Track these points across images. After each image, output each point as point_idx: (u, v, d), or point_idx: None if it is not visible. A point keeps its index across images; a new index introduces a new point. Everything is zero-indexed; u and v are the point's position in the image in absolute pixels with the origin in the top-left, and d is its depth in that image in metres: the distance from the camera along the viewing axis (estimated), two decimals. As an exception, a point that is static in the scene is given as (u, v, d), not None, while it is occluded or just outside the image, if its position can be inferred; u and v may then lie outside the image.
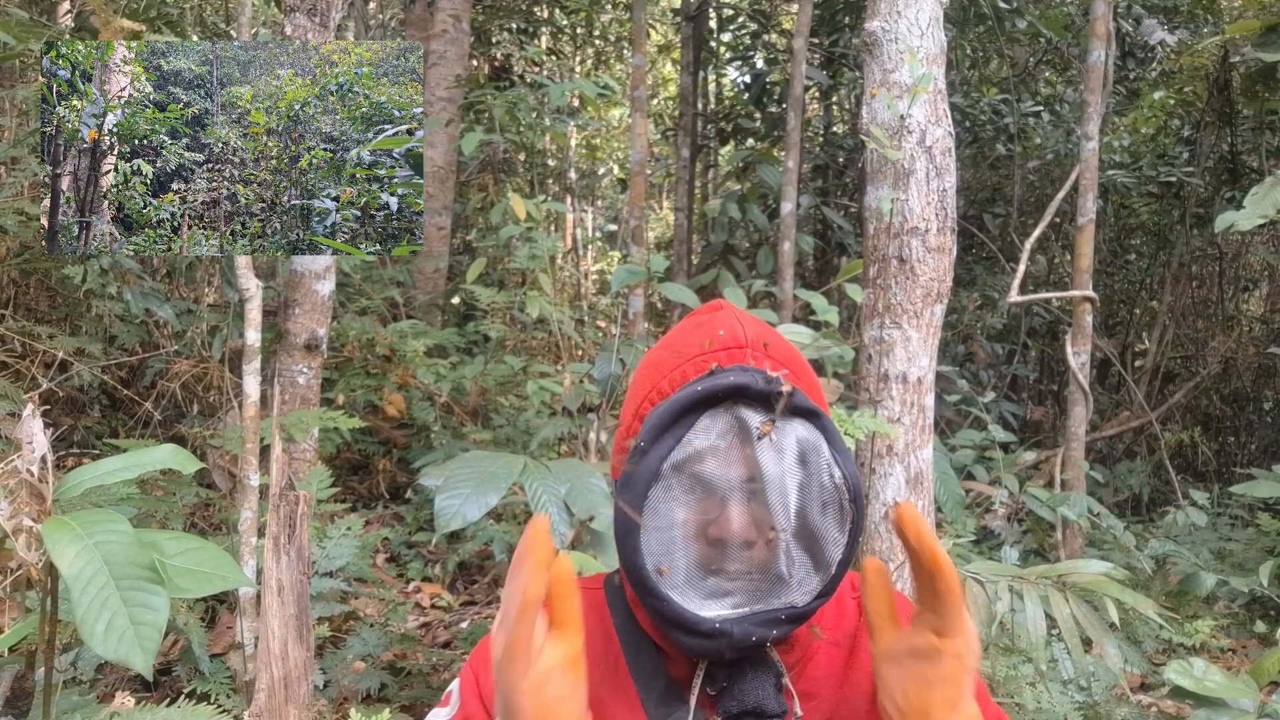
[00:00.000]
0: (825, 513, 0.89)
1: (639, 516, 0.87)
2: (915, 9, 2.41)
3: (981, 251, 7.37)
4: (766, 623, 0.87)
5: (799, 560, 0.89)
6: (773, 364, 0.91)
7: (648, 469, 0.87)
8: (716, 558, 0.88)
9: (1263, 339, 6.96)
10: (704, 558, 0.88)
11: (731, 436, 0.88)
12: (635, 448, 0.89)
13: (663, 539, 0.88)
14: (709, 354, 0.93)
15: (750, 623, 0.87)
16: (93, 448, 3.52)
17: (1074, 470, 4.48)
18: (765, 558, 0.88)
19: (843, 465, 0.90)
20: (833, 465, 0.89)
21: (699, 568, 0.88)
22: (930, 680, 0.80)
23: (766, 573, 0.88)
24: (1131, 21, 6.91)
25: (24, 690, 1.67)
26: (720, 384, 0.88)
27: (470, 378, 4.57)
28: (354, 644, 2.74)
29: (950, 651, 0.80)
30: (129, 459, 1.49)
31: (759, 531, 0.88)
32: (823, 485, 0.89)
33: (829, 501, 0.89)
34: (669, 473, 0.88)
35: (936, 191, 2.37)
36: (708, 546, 0.88)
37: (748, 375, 0.88)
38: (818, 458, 0.89)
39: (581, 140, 10.69)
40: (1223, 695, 1.95)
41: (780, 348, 0.96)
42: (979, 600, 2.16)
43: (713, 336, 0.95)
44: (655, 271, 3.12)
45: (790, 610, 0.88)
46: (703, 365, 0.92)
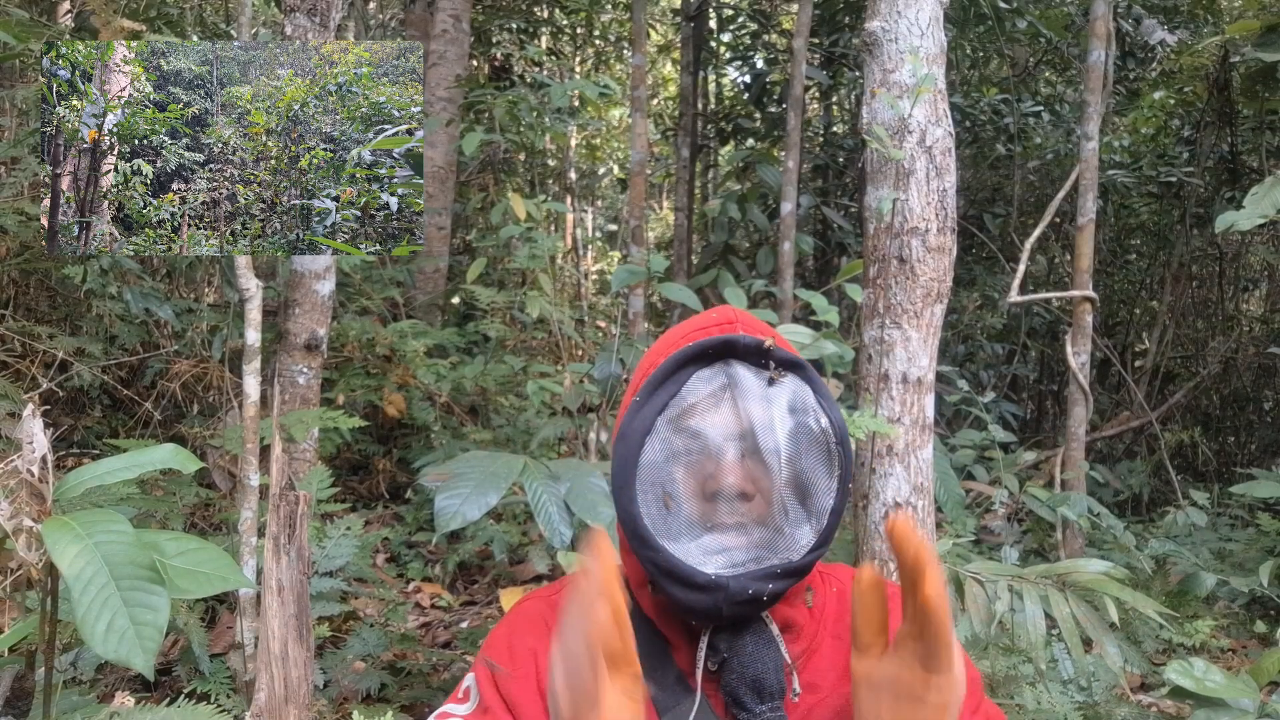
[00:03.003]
0: (814, 459, 0.91)
1: (635, 467, 0.89)
2: (915, 9, 2.41)
3: (981, 251, 7.37)
4: (763, 576, 0.88)
5: (792, 511, 0.90)
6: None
7: (642, 421, 0.90)
8: (711, 512, 0.89)
9: (1263, 339, 6.96)
10: (699, 513, 0.90)
11: (723, 390, 0.91)
12: (631, 403, 0.92)
13: (657, 492, 0.90)
14: (701, 330, 0.97)
15: (747, 577, 0.87)
16: (93, 448, 3.52)
17: (1074, 470, 4.48)
18: (760, 510, 0.90)
19: (829, 411, 0.92)
20: (818, 412, 0.92)
21: (694, 523, 0.89)
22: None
23: (762, 525, 0.89)
24: (1131, 21, 6.90)
25: (24, 690, 1.67)
26: (711, 340, 0.92)
27: (470, 378, 4.57)
28: (354, 644, 2.73)
29: (934, 699, 0.76)
30: (129, 459, 1.49)
31: (752, 483, 0.90)
32: (810, 432, 0.91)
33: (818, 448, 0.91)
34: (663, 426, 0.90)
35: (936, 191, 2.37)
36: (703, 501, 0.90)
37: (735, 334, 0.92)
38: (804, 406, 0.92)
39: (581, 140, 10.68)
40: (1223, 695, 1.95)
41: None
42: (979, 600, 2.16)
43: (706, 318, 0.99)
44: (655, 271, 3.12)
45: (786, 564, 0.89)
46: (695, 338, 0.95)
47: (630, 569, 0.99)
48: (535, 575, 3.60)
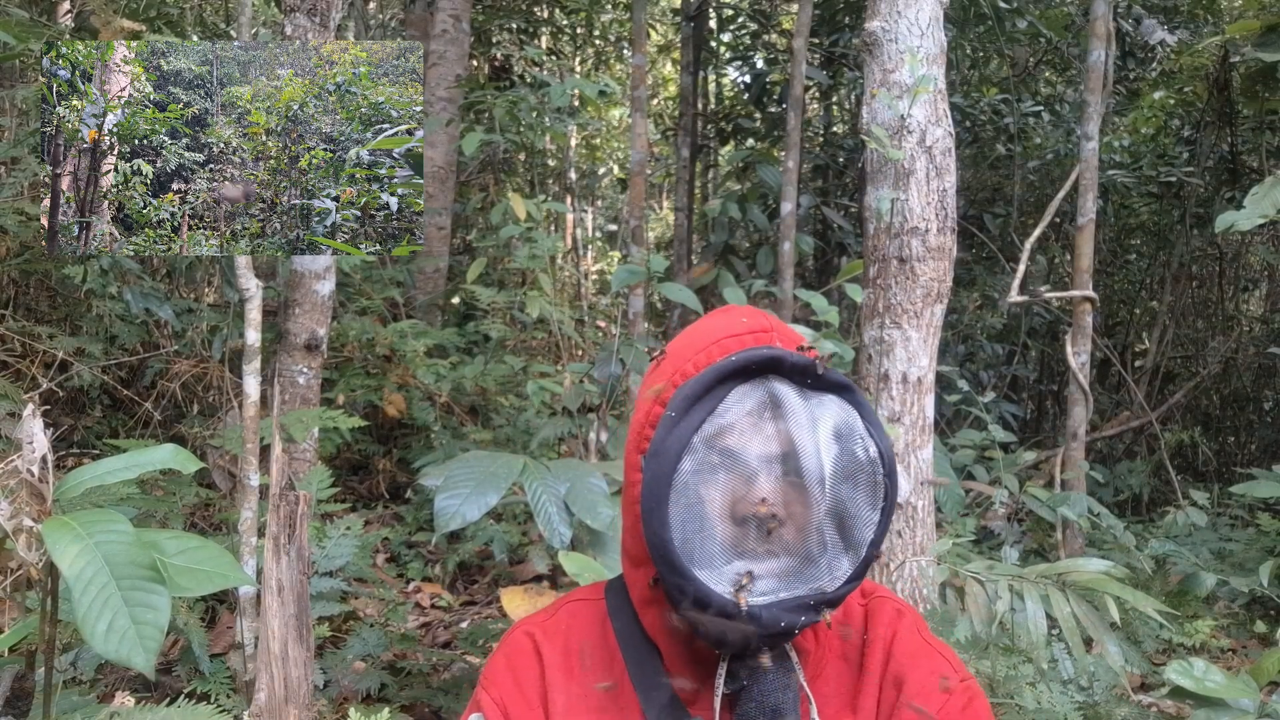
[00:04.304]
0: (858, 489, 0.86)
1: (669, 487, 0.83)
2: (915, 9, 2.41)
3: (981, 251, 7.37)
4: (796, 608, 0.84)
5: (830, 541, 0.85)
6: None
7: (678, 439, 0.84)
8: (745, 537, 0.84)
9: (1263, 339, 6.96)
10: (732, 538, 0.84)
11: (765, 410, 0.85)
12: (665, 418, 0.85)
13: (691, 515, 0.84)
14: (735, 336, 0.90)
15: (780, 608, 0.83)
16: (93, 448, 3.52)
17: (1074, 470, 4.48)
18: (796, 538, 0.85)
19: (878, 440, 0.86)
20: (867, 440, 0.86)
21: (727, 548, 0.84)
22: None
23: (797, 554, 0.85)
24: (1131, 21, 6.91)
25: (24, 690, 1.67)
26: (756, 355, 0.85)
27: (470, 378, 4.57)
28: (354, 644, 2.73)
29: None
30: (129, 459, 1.49)
31: (791, 511, 0.85)
32: (856, 460, 0.86)
33: (863, 478, 0.86)
34: (700, 445, 0.84)
35: (936, 191, 2.37)
36: (736, 525, 0.84)
37: (781, 350, 0.86)
38: (851, 432, 0.86)
39: (581, 140, 10.69)
40: (1223, 695, 1.95)
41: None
42: (979, 600, 2.16)
43: (736, 323, 0.92)
44: (655, 271, 3.12)
45: (820, 595, 0.85)
46: (730, 346, 0.89)
47: (638, 586, 0.95)
48: (535, 575, 3.60)
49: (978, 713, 0.93)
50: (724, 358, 0.87)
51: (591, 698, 0.94)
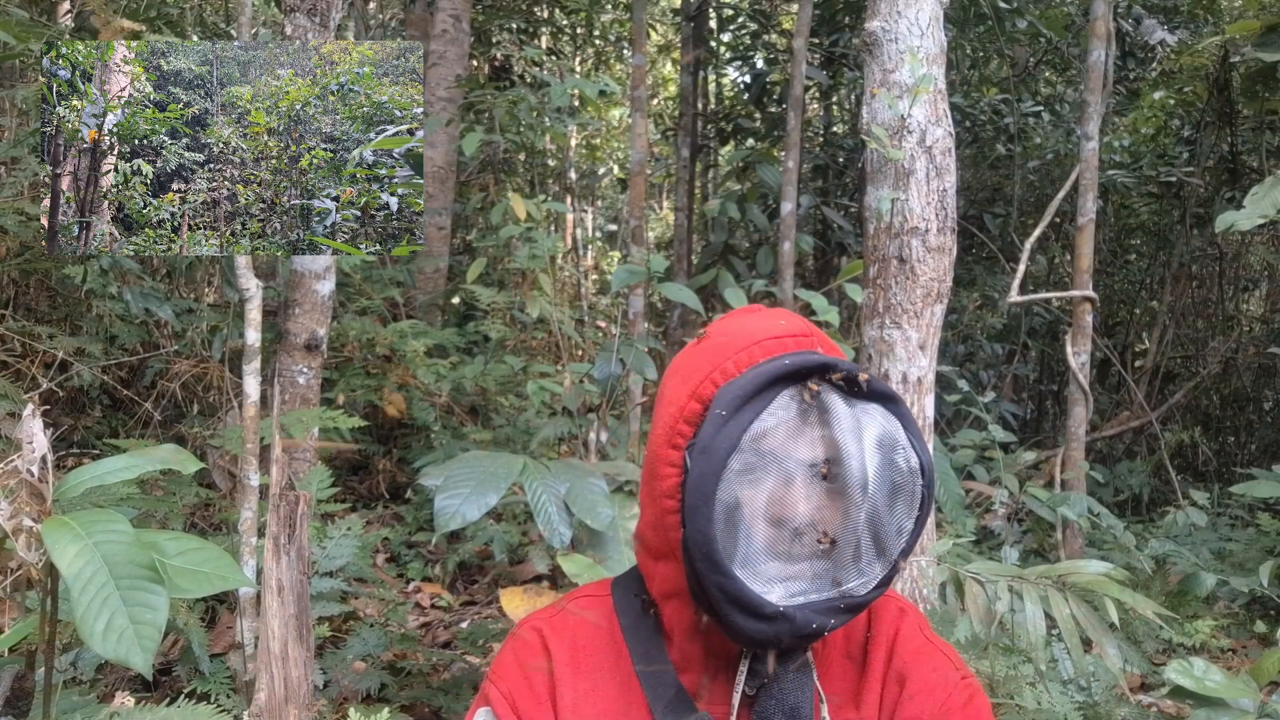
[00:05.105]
0: (897, 499, 0.87)
1: (716, 486, 0.84)
2: (915, 9, 2.41)
3: (981, 251, 7.37)
4: (827, 610, 0.85)
5: (865, 546, 0.87)
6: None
7: (728, 438, 0.84)
8: (782, 540, 0.86)
9: (1263, 339, 6.96)
10: (770, 539, 0.86)
11: (811, 414, 0.86)
12: (714, 415, 0.86)
13: (733, 514, 0.85)
14: (776, 339, 0.91)
15: (811, 609, 0.85)
16: (93, 448, 3.52)
17: (1074, 470, 4.48)
18: (833, 543, 0.86)
19: (920, 452, 0.88)
20: (909, 450, 0.87)
21: (764, 550, 0.86)
22: None
23: (832, 558, 0.86)
24: (1131, 21, 6.91)
25: (24, 690, 1.67)
26: (808, 360, 0.86)
27: (470, 378, 4.57)
28: (354, 644, 2.73)
29: None
30: (129, 459, 1.49)
31: (830, 516, 0.86)
32: (898, 470, 0.87)
33: (903, 487, 0.87)
34: (747, 446, 0.85)
35: (936, 191, 2.37)
36: (774, 527, 0.86)
37: (832, 357, 0.87)
38: (894, 442, 0.87)
39: (581, 140, 10.69)
40: (1223, 695, 1.95)
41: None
42: (979, 600, 2.16)
43: (775, 324, 0.93)
44: (655, 271, 3.12)
45: (850, 599, 0.86)
46: (772, 348, 0.90)
47: (661, 580, 0.96)
48: (535, 575, 3.60)
49: (978, 710, 0.95)
50: (768, 359, 0.88)
51: (598, 693, 0.95)
